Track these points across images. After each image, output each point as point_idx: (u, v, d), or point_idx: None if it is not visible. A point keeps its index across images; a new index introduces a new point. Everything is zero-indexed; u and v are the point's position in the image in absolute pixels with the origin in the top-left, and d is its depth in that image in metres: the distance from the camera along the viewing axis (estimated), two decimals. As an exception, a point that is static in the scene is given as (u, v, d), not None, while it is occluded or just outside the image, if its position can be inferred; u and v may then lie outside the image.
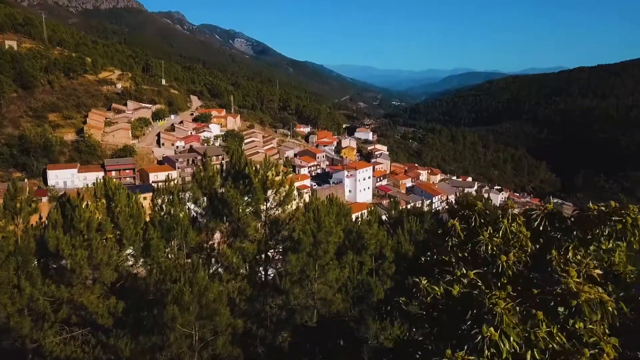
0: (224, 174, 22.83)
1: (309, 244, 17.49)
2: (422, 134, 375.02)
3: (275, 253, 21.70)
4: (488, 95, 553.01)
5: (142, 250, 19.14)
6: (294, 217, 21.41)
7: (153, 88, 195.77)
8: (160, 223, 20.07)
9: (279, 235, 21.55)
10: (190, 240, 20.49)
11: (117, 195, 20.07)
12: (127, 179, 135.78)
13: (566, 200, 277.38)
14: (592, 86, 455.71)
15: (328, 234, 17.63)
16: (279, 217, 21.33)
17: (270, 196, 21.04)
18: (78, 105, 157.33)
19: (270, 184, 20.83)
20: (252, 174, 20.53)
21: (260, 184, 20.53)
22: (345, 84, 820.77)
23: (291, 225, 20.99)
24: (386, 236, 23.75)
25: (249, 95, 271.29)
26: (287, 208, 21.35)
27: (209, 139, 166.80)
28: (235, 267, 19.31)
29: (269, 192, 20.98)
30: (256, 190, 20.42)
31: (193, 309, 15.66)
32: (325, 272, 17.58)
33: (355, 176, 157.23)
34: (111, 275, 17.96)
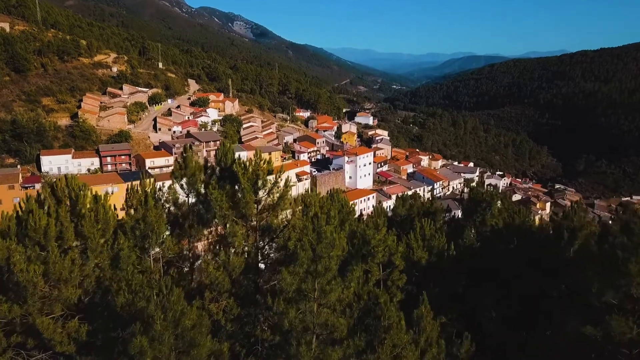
0: (209, 171, 19.96)
1: (307, 259, 14.78)
2: (422, 119, 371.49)
3: (268, 265, 18.95)
4: (489, 79, 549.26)
5: (111, 263, 16.43)
6: (289, 223, 18.57)
7: (150, 72, 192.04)
8: (132, 230, 17.32)
9: (271, 244, 18.76)
10: (167, 250, 17.75)
11: (81, 197, 17.18)
12: (123, 165, 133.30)
13: (568, 185, 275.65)
14: (595, 70, 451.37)
15: (330, 247, 14.89)
16: (271, 223, 18.49)
17: (262, 197, 18.22)
18: (72, 89, 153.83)
19: (261, 184, 18.00)
20: (240, 172, 17.67)
21: (249, 184, 17.70)
22: (345, 67, 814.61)
23: (286, 233, 18.21)
24: (395, 241, 20.96)
25: (248, 79, 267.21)
26: (281, 212, 18.53)
27: (206, 124, 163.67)
28: (219, 284, 16.56)
29: (260, 192, 18.16)
30: (245, 191, 17.59)
31: (166, 339, 12.98)
32: (327, 292, 14.85)
33: (356, 162, 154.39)
34: (73, 293, 15.25)
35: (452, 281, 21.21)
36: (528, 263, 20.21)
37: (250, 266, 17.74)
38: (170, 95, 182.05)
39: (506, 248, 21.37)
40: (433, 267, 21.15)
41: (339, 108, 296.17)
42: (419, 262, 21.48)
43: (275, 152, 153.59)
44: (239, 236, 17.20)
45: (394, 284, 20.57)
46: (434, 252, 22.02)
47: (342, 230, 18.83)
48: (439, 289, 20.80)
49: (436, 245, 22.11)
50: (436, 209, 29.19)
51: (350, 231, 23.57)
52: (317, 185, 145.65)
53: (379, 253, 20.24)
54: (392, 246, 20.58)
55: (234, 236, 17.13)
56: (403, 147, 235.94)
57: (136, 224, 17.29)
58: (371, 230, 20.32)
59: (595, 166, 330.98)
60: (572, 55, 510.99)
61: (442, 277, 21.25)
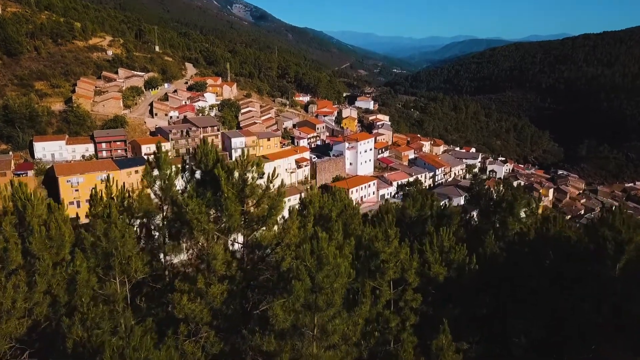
0: (187, 174, 17.06)
1: (304, 291, 12.01)
2: (423, 103, 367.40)
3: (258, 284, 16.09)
4: (490, 63, 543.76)
5: (67, 288, 13.63)
6: (282, 241, 15.64)
7: (146, 55, 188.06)
8: (93, 248, 14.45)
9: (261, 264, 15.90)
10: (134, 273, 14.90)
11: (29, 208, 14.30)
12: (118, 151, 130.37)
13: (570, 171, 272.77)
14: (598, 54, 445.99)
15: (333, 276, 12.10)
16: (261, 239, 15.62)
17: (249, 208, 15.37)
18: (66, 73, 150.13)
19: (249, 192, 15.14)
20: (223, 176, 14.80)
21: (234, 193, 14.83)
22: (345, 51, 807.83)
23: (279, 252, 15.37)
24: (409, 253, 18.04)
25: (247, 63, 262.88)
26: (272, 225, 15.65)
27: (203, 109, 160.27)
28: (196, 317, 13.76)
29: (248, 201, 15.30)
30: (228, 200, 14.73)
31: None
32: (329, 332, 12.08)
33: (357, 148, 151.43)
34: (16, 328, 12.49)
35: (474, 300, 18.43)
36: (564, 281, 17.42)
37: (235, 293, 14.95)
38: (167, 79, 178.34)
39: (538, 262, 18.51)
40: (452, 283, 18.35)
41: (339, 92, 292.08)
42: (436, 279, 18.64)
43: (274, 138, 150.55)
44: (219, 259, 14.38)
45: (407, 305, 17.74)
46: (453, 266, 19.09)
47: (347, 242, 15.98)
48: (459, 309, 18.07)
49: (456, 258, 19.18)
50: (452, 211, 26.20)
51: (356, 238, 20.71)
52: (317, 172, 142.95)
53: (390, 270, 17.41)
54: (406, 261, 17.72)
55: (214, 259, 14.32)
56: (404, 132, 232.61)
57: (97, 240, 14.47)
58: (381, 242, 17.49)
59: (598, 151, 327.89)
60: (575, 38, 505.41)
61: (463, 296, 18.44)
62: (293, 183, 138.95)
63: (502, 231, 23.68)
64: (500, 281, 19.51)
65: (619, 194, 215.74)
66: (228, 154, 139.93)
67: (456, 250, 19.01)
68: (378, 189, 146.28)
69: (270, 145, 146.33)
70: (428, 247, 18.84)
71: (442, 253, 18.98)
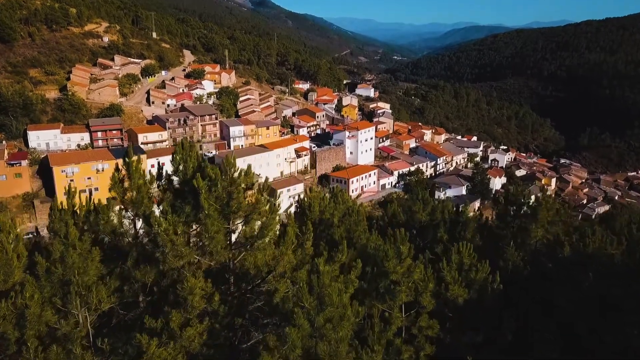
0: (163, 183, 14.66)
1: (301, 338, 9.76)
2: (424, 91, 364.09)
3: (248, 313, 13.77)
4: (491, 50, 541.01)
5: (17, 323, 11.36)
6: (275, 268, 13.23)
7: (143, 42, 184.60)
8: (48, 274, 12.12)
9: (250, 294, 13.55)
10: (97, 304, 12.53)
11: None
12: (115, 140, 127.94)
13: (572, 159, 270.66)
14: (600, 40, 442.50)
15: (337, 321, 9.85)
16: (248, 268, 13.20)
17: (236, 226, 13.05)
18: (61, 60, 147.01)
19: (236, 207, 12.80)
20: (204, 190, 12.44)
21: (216, 210, 12.48)
22: (345, 37, 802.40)
23: (272, 283, 13.02)
24: (423, 271, 15.67)
25: (246, 50, 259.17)
26: (264, 249, 13.24)
27: (201, 97, 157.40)
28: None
29: (236, 219, 12.95)
30: (209, 220, 12.36)
31: None
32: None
33: (357, 137, 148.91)
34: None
35: (498, 325, 16.15)
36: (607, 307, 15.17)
37: (217, 331, 12.69)
38: (164, 66, 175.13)
39: (576, 283, 16.10)
40: (473, 306, 16.08)
41: (339, 79, 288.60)
42: (455, 301, 16.35)
43: (274, 127, 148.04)
44: (197, 293, 12.10)
45: (421, 333, 15.47)
46: (474, 286, 16.78)
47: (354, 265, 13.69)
48: (482, 336, 15.82)
49: (478, 278, 16.84)
50: (467, 218, 23.70)
51: (361, 250, 18.50)
52: (317, 162, 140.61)
53: (402, 293, 15.11)
54: (420, 282, 15.37)
55: (191, 293, 12.05)
56: (405, 120, 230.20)
57: (52, 265, 12.20)
58: (392, 261, 15.15)
59: (600, 140, 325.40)
60: (577, 25, 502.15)
61: (486, 320, 16.16)
62: (293, 172, 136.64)
63: (522, 238, 21.36)
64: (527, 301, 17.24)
65: (622, 184, 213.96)
66: (226, 143, 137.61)
67: (478, 268, 16.68)
68: (379, 179, 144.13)
69: (269, 134, 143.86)
70: (445, 265, 16.52)
71: (462, 271, 16.69)
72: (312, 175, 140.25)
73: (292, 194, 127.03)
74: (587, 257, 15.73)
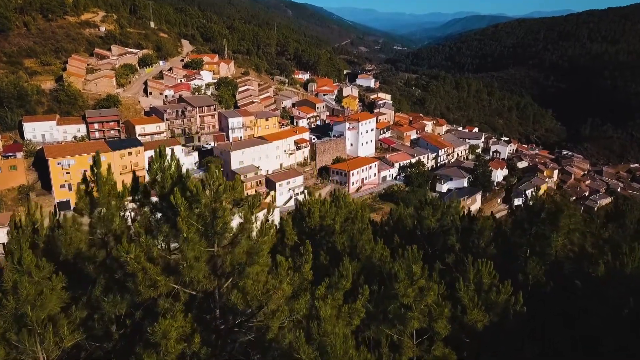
0: (139, 197, 12.83)
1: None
2: (425, 81, 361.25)
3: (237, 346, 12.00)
4: (492, 40, 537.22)
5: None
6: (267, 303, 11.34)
7: (140, 31, 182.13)
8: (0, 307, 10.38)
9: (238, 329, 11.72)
10: (58, 341, 10.68)
11: None
12: (111, 131, 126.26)
13: (574, 151, 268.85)
14: (602, 30, 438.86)
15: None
16: (235, 301, 11.33)
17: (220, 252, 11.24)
18: (57, 50, 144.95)
19: (221, 228, 10.97)
20: (183, 209, 10.64)
21: (197, 233, 10.69)
22: (345, 27, 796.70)
23: (263, 320, 11.21)
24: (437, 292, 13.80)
25: (245, 40, 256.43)
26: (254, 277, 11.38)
27: (200, 87, 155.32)
28: None
29: (221, 240, 11.17)
30: (187, 246, 10.57)
31: None
32: None
33: (358, 128, 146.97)
34: None
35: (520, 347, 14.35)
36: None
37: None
38: (162, 56, 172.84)
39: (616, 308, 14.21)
40: (493, 330, 14.32)
41: (339, 70, 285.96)
42: (474, 327, 14.56)
43: (273, 118, 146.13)
44: (172, 337, 10.32)
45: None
46: (495, 309, 14.94)
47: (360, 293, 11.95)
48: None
49: (500, 300, 14.99)
50: (482, 225, 21.72)
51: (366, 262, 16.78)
52: (317, 154, 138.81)
53: (414, 319, 13.35)
54: (434, 304, 13.56)
55: (165, 337, 10.28)
56: (406, 111, 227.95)
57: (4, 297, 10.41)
58: (403, 283, 13.33)
59: (601, 130, 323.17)
60: (579, 15, 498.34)
61: (508, 346, 14.39)
62: (292, 165, 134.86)
63: (541, 246, 19.55)
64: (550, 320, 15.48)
65: (624, 175, 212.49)
66: (225, 135, 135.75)
67: (499, 289, 14.83)
68: (379, 171, 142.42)
69: (268, 125, 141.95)
70: (462, 285, 14.70)
71: (480, 292, 14.90)
72: (312, 167, 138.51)
73: (291, 187, 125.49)
74: (625, 278, 13.98)
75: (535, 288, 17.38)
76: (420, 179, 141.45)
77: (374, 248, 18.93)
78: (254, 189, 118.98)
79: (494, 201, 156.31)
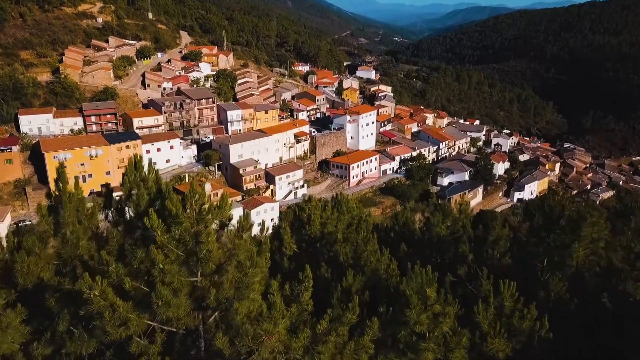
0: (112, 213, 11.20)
1: None
2: (426, 73, 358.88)
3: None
4: (493, 31, 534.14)
5: None
6: (259, 349, 9.72)
7: (138, 23, 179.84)
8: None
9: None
10: None
11: None
12: (109, 125, 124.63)
13: (575, 143, 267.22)
14: (604, 22, 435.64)
15: None
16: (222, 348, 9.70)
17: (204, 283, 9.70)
18: (54, 41, 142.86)
19: (204, 256, 9.40)
20: (159, 233, 9.08)
21: (177, 260, 9.14)
22: (346, 18, 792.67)
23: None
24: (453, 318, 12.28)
25: (244, 31, 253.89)
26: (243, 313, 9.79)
27: (198, 80, 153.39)
28: None
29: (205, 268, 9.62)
30: (161, 278, 8.98)
31: None
32: None
33: (358, 121, 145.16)
34: None
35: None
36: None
37: None
38: (160, 48, 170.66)
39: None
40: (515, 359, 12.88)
41: (339, 61, 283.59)
42: (495, 357, 13.01)
43: (272, 111, 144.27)
44: None
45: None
46: (518, 336, 13.37)
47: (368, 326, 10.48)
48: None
49: (524, 327, 13.42)
50: (499, 235, 19.85)
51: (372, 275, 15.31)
52: (317, 147, 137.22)
53: (429, 351, 11.89)
54: (451, 332, 12.12)
55: None
56: (406, 103, 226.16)
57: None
58: (416, 309, 11.84)
59: (603, 123, 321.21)
60: (581, 5, 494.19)
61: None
62: (292, 158, 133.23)
63: (560, 257, 17.93)
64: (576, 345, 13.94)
65: (627, 168, 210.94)
66: (224, 128, 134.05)
67: (523, 314, 13.29)
68: (380, 164, 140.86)
69: (268, 118, 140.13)
70: (481, 309, 13.13)
71: (501, 316, 13.38)
72: (312, 160, 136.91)
73: (291, 181, 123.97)
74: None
75: (557, 305, 15.86)
76: (421, 173, 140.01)
77: (379, 259, 17.46)
78: (253, 183, 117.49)
79: (496, 195, 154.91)
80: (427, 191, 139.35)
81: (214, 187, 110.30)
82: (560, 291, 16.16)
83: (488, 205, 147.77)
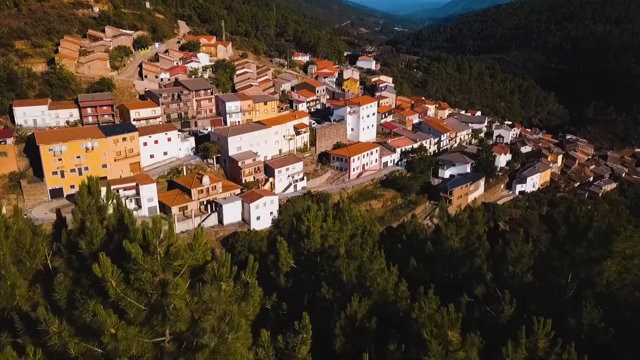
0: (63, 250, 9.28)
1: None
2: (427, 63, 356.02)
3: None
4: (494, 21, 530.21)
5: None
6: None
7: (135, 12, 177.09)
8: None
9: None
10: None
11: None
12: (105, 116, 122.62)
13: (577, 134, 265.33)
14: (606, 11, 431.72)
15: None
16: None
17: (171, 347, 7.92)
18: (49, 31, 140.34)
19: (173, 315, 7.45)
20: (112, 287, 7.16)
21: (137, 316, 7.25)
22: (346, 8, 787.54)
23: None
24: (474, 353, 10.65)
25: (243, 21, 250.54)
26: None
27: (197, 70, 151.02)
28: None
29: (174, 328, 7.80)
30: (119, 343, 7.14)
31: None
32: None
33: (359, 113, 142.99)
34: None
35: None
36: None
37: None
38: (157, 38, 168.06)
39: None
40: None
41: (339, 51, 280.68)
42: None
43: (272, 102, 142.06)
44: None
45: None
46: None
47: None
48: None
49: None
50: (521, 252, 17.78)
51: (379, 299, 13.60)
52: (317, 139, 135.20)
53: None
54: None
55: None
56: (407, 94, 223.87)
57: None
58: (436, 356, 10.11)
59: (605, 114, 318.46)
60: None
61: None
62: (291, 150, 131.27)
63: (586, 274, 16.05)
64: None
65: (629, 160, 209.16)
66: (222, 119, 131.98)
67: (561, 357, 11.49)
68: (381, 156, 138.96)
69: (267, 109, 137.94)
70: (510, 350, 11.33)
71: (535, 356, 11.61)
72: (312, 153, 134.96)
73: (291, 173, 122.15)
74: None
75: (590, 337, 14.01)
76: (423, 165, 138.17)
77: (387, 279, 15.66)
78: (252, 176, 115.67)
79: (497, 187, 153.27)
80: (428, 183, 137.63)
81: (212, 180, 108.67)
82: (594, 319, 14.34)
83: (490, 197, 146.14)
